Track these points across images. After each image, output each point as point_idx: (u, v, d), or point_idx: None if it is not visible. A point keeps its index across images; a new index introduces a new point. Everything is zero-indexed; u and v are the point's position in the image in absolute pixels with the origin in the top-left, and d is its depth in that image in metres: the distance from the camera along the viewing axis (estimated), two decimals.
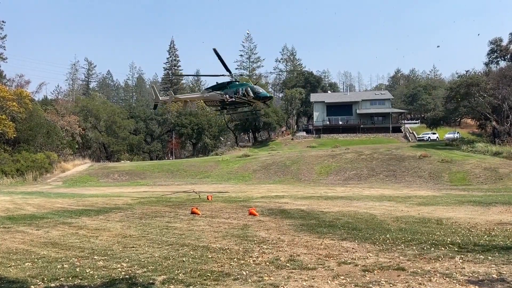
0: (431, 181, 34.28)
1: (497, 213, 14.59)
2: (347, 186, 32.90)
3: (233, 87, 25.92)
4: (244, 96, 25.38)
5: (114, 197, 24.77)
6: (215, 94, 26.69)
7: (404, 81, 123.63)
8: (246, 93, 25.29)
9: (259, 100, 26.52)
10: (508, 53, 56.55)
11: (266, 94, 27.15)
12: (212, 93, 27.06)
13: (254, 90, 25.64)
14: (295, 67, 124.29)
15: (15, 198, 24.59)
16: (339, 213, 15.17)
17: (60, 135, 56.06)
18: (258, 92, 25.80)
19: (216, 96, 26.66)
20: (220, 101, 26.62)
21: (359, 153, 45.33)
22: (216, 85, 27.20)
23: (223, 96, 26.06)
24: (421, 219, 13.27)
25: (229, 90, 25.88)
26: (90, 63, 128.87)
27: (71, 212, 17.05)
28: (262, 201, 20.24)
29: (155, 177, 45.39)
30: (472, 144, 44.59)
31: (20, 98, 49.96)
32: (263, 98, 26.50)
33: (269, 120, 74.25)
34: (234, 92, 25.60)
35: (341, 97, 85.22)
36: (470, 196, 22.07)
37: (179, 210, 16.85)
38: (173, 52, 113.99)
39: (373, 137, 69.65)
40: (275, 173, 42.48)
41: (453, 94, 49.91)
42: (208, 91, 27.88)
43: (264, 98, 26.59)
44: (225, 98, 25.92)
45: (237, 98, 25.57)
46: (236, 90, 25.66)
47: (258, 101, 26.76)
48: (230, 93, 25.71)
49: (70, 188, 37.55)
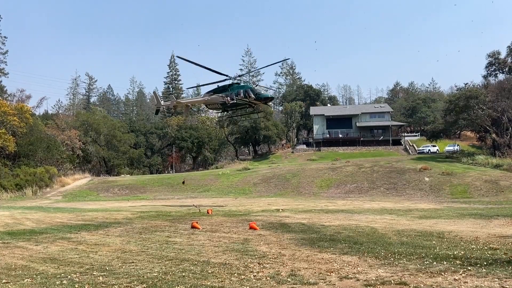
0: (432, 194, 34.16)
1: (499, 226, 14.50)
2: (348, 199, 32.77)
3: (234, 89, 26.18)
4: (245, 98, 25.63)
5: (113, 211, 24.65)
6: (217, 97, 26.91)
7: (403, 94, 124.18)
8: (247, 95, 25.53)
9: (261, 101, 26.72)
10: (506, 66, 56.90)
11: (267, 95, 27.27)
12: (213, 96, 27.26)
13: (255, 91, 25.90)
14: (294, 80, 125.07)
15: (14, 213, 24.47)
16: (340, 226, 15.08)
17: (60, 149, 56.07)
18: (259, 93, 26.03)
19: (217, 98, 26.88)
20: (221, 103, 26.86)
21: (359, 166, 45.28)
22: (217, 88, 27.38)
23: (224, 99, 26.27)
24: (423, 232, 13.18)
25: (231, 92, 26.10)
26: (91, 78, 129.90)
27: (71, 227, 16.95)
28: (262, 215, 20.14)
29: (155, 191, 45.25)
30: (472, 156, 44.58)
31: (21, 112, 50.17)
32: (264, 99, 26.69)
33: (269, 133, 74.37)
34: (235, 94, 25.81)
35: (341, 110, 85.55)
36: (472, 209, 21.97)
37: (179, 225, 16.76)
38: (173, 67, 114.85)
39: (373, 150, 69.65)
40: (276, 186, 42.36)
41: (452, 106, 50.12)
42: (209, 94, 27.97)
43: (265, 99, 26.78)
44: (227, 100, 26.14)
45: (238, 100, 25.83)
46: (237, 92, 25.90)
47: (260, 102, 26.92)
48: (231, 95, 25.92)
49: (70, 202, 37.40)
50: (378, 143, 74.33)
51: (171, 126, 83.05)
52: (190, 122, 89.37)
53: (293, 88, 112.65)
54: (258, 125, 73.33)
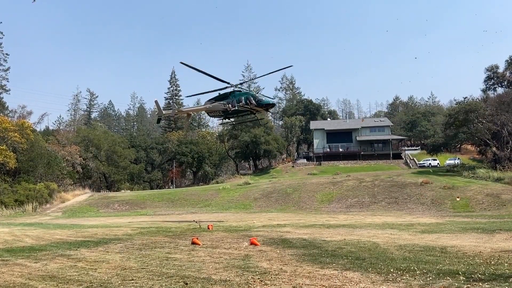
0: (434, 207, 33.97)
1: (502, 241, 14.38)
2: (349, 214, 32.58)
3: (235, 96, 26.34)
4: (246, 105, 25.74)
5: (113, 227, 24.49)
6: (218, 104, 27.06)
7: (403, 108, 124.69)
8: (249, 101, 25.66)
9: (262, 108, 26.80)
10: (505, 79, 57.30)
11: (269, 101, 27.31)
12: (215, 103, 27.39)
13: (257, 98, 26.03)
14: (294, 95, 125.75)
15: (14, 230, 24.31)
16: (342, 241, 14.95)
17: (61, 165, 56.02)
18: (260, 99, 26.15)
19: (219, 106, 27.03)
20: (223, 110, 26.97)
21: (360, 180, 45.14)
22: (219, 96, 27.54)
23: (226, 106, 26.41)
24: (425, 247, 13.06)
25: (232, 99, 26.24)
26: (92, 94, 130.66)
27: (70, 243, 16.82)
28: (263, 230, 19.99)
29: (155, 206, 45.04)
30: (473, 170, 44.47)
31: (22, 129, 50.30)
32: (265, 105, 26.77)
33: (269, 147, 74.40)
34: (237, 101, 25.95)
35: (341, 124, 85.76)
36: (474, 223, 21.81)
37: (179, 241, 16.62)
38: (174, 82, 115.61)
39: (374, 164, 69.56)
40: (276, 201, 42.16)
41: (452, 120, 50.24)
42: (211, 102, 28.06)
43: (266, 105, 26.85)
44: (228, 108, 26.27)
45: (240, 107, 25.93)
46: (239, 99, 26.04)
47: (261, 109, 26.99)
48: (233, 103, 26.05)
49: (70, 218, 37.19)
50: (379, 157, 74.28)
51: (172, 141, 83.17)
52: (190, 137, 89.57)
53: (293, 102, 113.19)
54: (259, 139, 73.44)
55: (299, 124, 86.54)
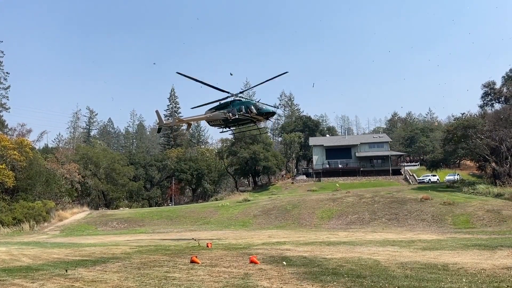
0: (435, 224, 33.77)
1: (503, 257, 14.25)
2: (349, 231, 32.34)
3: (236, 105, 26.51)
4: (247, 113, 25.92)
5: (112, 246, 24.26)
6: (219, 113, 27.24)
7: (401, 124, 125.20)
8: (249, 110, 25.84)
9: (262, 116, 26.90)
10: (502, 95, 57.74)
11: (269, 110, 27.40)
12: (215, 112, 27.56)
13: (257, 106, 26.15)
14: (293, 112, 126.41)
15: (11, 249, 24.07)
16: (342, 259, 14.80)
17: (59, 183, 55.81)
18: (260, 108, 26.28)
19: (219, 115, 27.20)
20: (223, 119, 27.12)
21: (360, 196, 44.98)
22: (219, 105, 27.70)
23: (226, 115, 26.56)
24: (427, 264, 12.94)
25: (232, 108, 26.40)
26: (92, 111, 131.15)
27: (67, 263, 16.62)
28: (263, 248, 19.81)
29: (154, 224, 44.69)
30: (473, 185, 44.39)
31: (21, 147, 50.27)
32: (266, 114, 26.87)
33: (268, 164, 74.32)
34: (237, 109, 26.13)
35: (340, 140, 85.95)
36: (475, 239, 21.66)
37: (178, 259, 16.44)
38: (173, 100, 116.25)
39: (374, 180, 69.48)
40: (276, 218, 41.89)
41: (450, 136, 50.40)
42: (211, 111, 28.18)
43: (267, 113, 26.94)
44: (229, 116, 26.43)
45: (240, 116, 26.07)
46: (239, 107, 26.20)
47: (262, 117, 27.08)
48: (233, 111, 26.22)
49: (68, 237, 36.84)
50: (378, 173, 74.22)
51: (171, 158, 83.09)
52: (189, 154, 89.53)
53: (292, 119, 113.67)
54: (258, 156, 73.44)
55: (298, 140, 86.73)
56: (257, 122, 28.32)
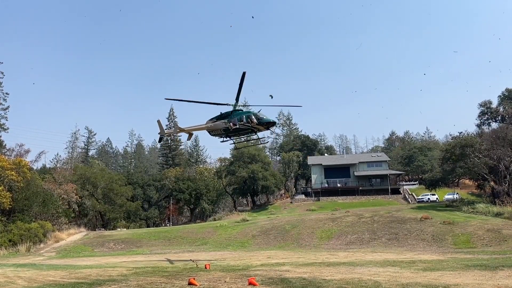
0: (435, 244, 33.49)
1: (505, 277, 14.10)
2: (349, 251, 32.01)
3: (237, 115, 26.82)
4: (247, 123, 26.24)
5: (108, 267, 23.90)
6: (219, 123, 27.55)
7: (399, 143, 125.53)
8: (250, 120, 26.17)
9: (263, 126, 27.11)
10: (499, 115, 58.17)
11: (270, 120, 27.56)
12: (216, 122, 27.86)
13: (258, 116, 26.45)
14: (291, 131, 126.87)
15: (6, 271, 23.65)
16: (342, 280, 14.61)
17: (57, 203, 55.31)
18: (261, 118, 26.55)
19: (220, 125, 27.52)
20: (224, 129, 27.41)
21: (359, 216, 44.70)
22: (220, 115, 28.00)
23: (227, 124, 26.89)
24: (428, 286, 12.77)
25: (233, 118, 26.72)
26: (90, 131, 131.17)
27: (63, 285, 16.35)
28: (262, 269, 19.56)
29: (152, 245, 44.17)
30: (472, 205, 44.27)
31: (19, 167, 50.02)
32: (266, 124, 27.08)
33: (267, 183, 74.09)
34: (238, 119, 26.45)
35: (338, 159, 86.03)
36: (476, 259, 21.45)
37: (175, 281, 16.20)
38: (172, 119, 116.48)
39: (373, 199, 69.22)
40: (275, 238, 41.49)
41: (448, 155, 50.52)
42: (212, 121, 28.41)
43: (267, 123, 27.17)
44: (229, 126, 26.73)
45: (241, 125, 26.37)
46: (240, 117, 26.54)
47: (262, 127, 27.25)
48: (234, 121, 26.53)
49: (64, 259, 36.31)
50: (377, 192, 74.03)
51: (169, 178, 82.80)
52: (187, 173, 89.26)
53: (290, 138, 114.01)
54: (256, 175, 73.25)
55: (297, 159, 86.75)
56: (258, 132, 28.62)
